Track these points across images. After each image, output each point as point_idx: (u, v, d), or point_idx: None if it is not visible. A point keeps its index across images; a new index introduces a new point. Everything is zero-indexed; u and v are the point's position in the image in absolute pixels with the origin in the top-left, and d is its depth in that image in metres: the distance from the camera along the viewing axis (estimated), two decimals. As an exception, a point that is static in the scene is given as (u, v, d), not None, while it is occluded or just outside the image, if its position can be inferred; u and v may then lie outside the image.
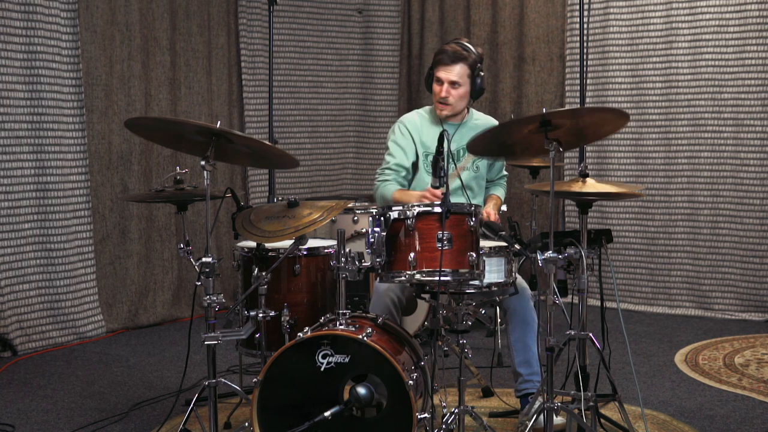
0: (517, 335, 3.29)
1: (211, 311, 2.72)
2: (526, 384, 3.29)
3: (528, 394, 3.28)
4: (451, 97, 3.50)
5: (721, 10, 5.21)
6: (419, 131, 3.60)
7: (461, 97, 3.52)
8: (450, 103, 3.51)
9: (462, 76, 3.48)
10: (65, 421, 3.49)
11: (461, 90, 3.50)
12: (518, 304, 3.24)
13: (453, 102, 3.51)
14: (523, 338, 3.28)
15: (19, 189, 4.59)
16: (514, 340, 3.30)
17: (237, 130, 5.62)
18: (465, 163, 2.91)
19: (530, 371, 3.28)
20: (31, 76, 4.58)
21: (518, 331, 3.28)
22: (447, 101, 3.51)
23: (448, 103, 3.51)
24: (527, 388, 3.29)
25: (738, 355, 4.37)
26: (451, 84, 3.48)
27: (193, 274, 4.09)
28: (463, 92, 3.51)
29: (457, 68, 3.47)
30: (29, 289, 4.65)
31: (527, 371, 3.28)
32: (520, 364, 3.30)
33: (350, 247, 2.91)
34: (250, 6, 5.68)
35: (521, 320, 3.27)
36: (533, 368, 3.27)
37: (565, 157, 5.56)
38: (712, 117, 5.30)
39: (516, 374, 3.33)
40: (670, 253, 5.50)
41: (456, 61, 3.47)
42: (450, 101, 3.51)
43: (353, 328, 2.66)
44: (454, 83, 3.48)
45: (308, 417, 2.59)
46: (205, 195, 2.74)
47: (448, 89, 3.49)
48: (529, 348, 3.26)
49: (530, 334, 3.26)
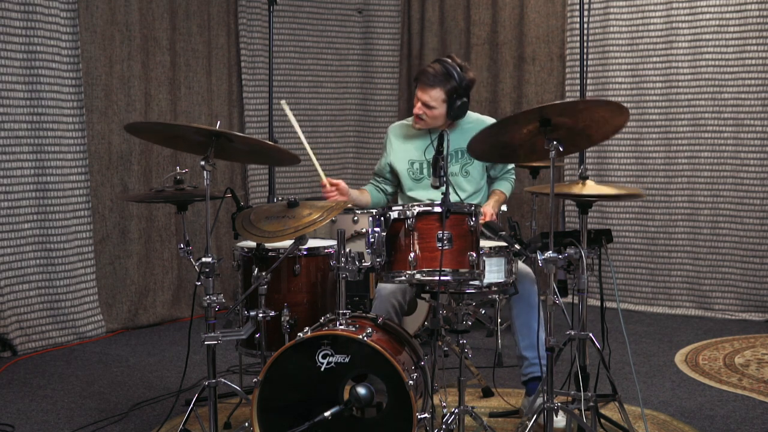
0: (522, 319, 3.28)
1: (211, 311, 2.72)
2: (532, 368, 3.29)
3: (534, 378, 3.28)
4: (425, 115, 3.53)
5: (721, 10, 5.21)
6: (404, 141, 3.66)
7: (435, 117, 3.53)
8: (424, 120, 3.55)
9: (437, 100, 3.48)
10: (65, 421, 3.49)
11: (435, 112, 3.51)
12: (523, 288, 3.23)
13: (426, 119, 3.55)
14: (528, 321, 3.26)
15: (19, 189, 4.58)
16: (519, 324, 3.29)
17: (237, 130, 5.63)
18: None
19: (535, 355, 3.26)
20: (31, 76, 4.58)
21: (523, 315, 3.27)
22: (421, 118, 3.55)
23: (421, 119, 3.55)
24: (533, 372, 3.29)
25: (738, 355, 4.37)
26: (425, 105, 3.50)
27: (193, 274, 4.09)
28: (437, 114, 3.52)
29: (433, 92, 3.47)
30: (29, 289, 4.65)
31: (533, 355, 3.27)
32: (525, 348, 3.29)
33: (350, 247, 2.91)
34: (250, 6, 5.68)
35: (526, 303, 3.26)
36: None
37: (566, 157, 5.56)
38: (712, 117, 5.30)
39: (521, 358, 3.32)
40: (670, 253, 5.50)
41: (434, 86, 3.46)
42: (424, 118, 3.54)
43: (353, 328, 2.66)
44: (428, 105, 3.50)
45: (308, 417, 2.59)
46: (205, 195, 2.74)
47: (423, 108, 3.52)
48: (534, 331, 3.24)
49: (535, 317, 3.23)
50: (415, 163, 3.62)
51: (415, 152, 3.62)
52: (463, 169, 3.59)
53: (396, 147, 3.67)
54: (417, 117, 3.56)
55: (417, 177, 3.61)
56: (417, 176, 3.61)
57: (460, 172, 3.60)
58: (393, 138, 3.71)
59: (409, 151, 3.64)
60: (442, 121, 3.55)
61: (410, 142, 3.65)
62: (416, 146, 3.62)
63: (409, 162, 3.63)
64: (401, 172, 3.65)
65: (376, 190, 3.75)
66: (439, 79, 3.46)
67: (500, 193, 3.65)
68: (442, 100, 3.48)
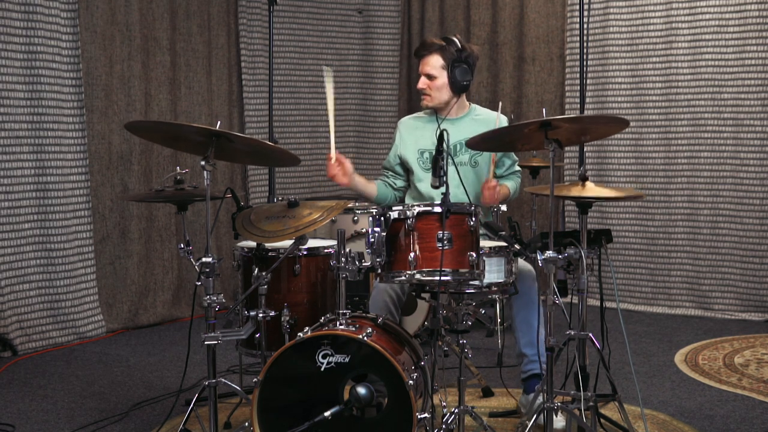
0: (522, 316, 3.28)
1: (211, 311, 2.72)
2: (532, 365, 3.28)
3: (533, 375, 3.27)
4: (428, 88, 3.54)
5: (721, 10, 5.21)
6: (414, 132, 3.65)
7: (439, 89, 3.52)
8: (428, 93, 3.55)
9: (436, 68, 3.50)
10: (65, 421, 3.49)
11: (438, 81, 3.51)
12: (523, 285, 3.23)
13: (431, 93, 3.54)
14: (528, 318, 3.26)
15: (19, 189, 4.59)
16: (519, 321, 3.29)
17: (237, 130, 5.63)
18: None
19: (535, 351, 3.25)
20: (31, 76, 4.58)
21: (523, 311, 3.27)
22: (425, 92, 3.55)
23: (426, 93, 3.55)
24: (532, 369, 3.28)
25: (738, 355, 4.37)
26: (427, 76, 3.52)
27: (193, 274, 4.09)
28: (440, 83, 3.51)
29: (431, 59, 3.50)
30: (29, 289, 4.66)
31: (532, 352, 3.26)
32: (525, 344, 3.28)
33: (350, 247, 2.91)
34: (250, 6, 5.68)
35: (527, 301, 3.25)
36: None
37: (565, 157, 5.56)
38: (712, 117, 5.30)
39: (520, 356, 3.32)
40: (670, 253, 5.50)
41: (430, 52, 3.49)
42: (428, 92, 3.55)
43: (353, 328, 2.66)
44: (429, 75, 3.51)
45: (308, 417, 2.59)
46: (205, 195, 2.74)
47: (426, 81, 3.53)
48: (534, 328, 3.23)
49: (535, 313, 3.22)
50: (425, 152, 3.61)
51: (424, 142, 3.61)
52: (472, 159, 3.58)
53: (406, 138, 3.67)
54: (423, 94, 3.56)
55: (427, 166, 3.59)
56: (427, 165, 3.59)
57: (470, 161, 3.58)
58: (403, 130, 3.70)
59: (419, 141, 3.63)
60: (447, 95, 3.54)
61: (420, 133, 3.64)
62: (426, 136, 3.60)
63: (418, 152, 3.62)
64: (411, 162, 3.63)
65: (385, 185, 3.72)
66: (436, 46, 3.50)
67: (505, 187, 3.62)
68: (441, 66, 3.49)
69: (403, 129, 3.71)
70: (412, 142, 3.64)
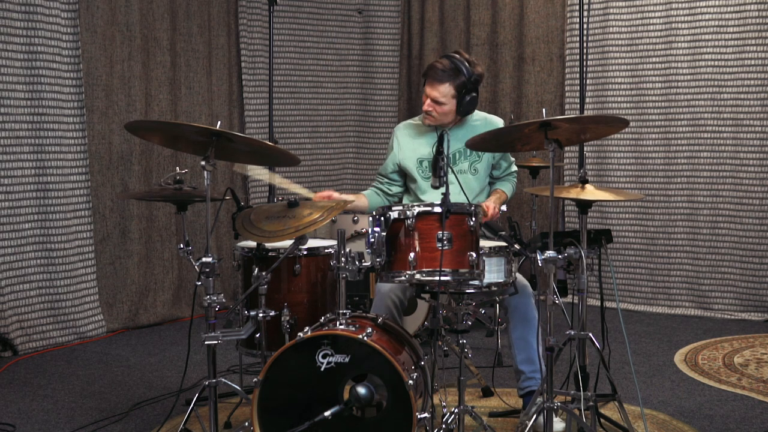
0: (518, 333, 3.28)
1: (211, 311, 2.73)
2: (529, 382, 3.29)
3: (531, 392, 3.27)
4: (434, 111, 3.52)
5: (720, 10, 5.22)
6: (412, 140, 3.64)
7: (445, 114, 3.52)
8: (433, 116, 3.54)
9: (446, 96, 3.46)
10: (65, 420, 3.49)
11: (445, 108, 3.49)
12: (519, 302, 3.23)
13: (436, 116, 3.53)
14: (524, 336, 3.27)
15: (19, 189, 4.59)
16: (516, 338, 3.29)
17: (237, 130, 5.63)
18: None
19: (532, 369, 3.27)
20: (31, 77, 4.59)
21: (519, 328, 3.28)
22: (431, 114, 3.53)
23: (431, 115, 3.54)
24: (530, 386, 3.29)
25: (737, 355, 4.38)
26: (434, 101, 3.48)
27: (193, 274, 4.10)
28: (447, 110, 3.50)
29: (442, 88, 3.45)
30: (30, 289, 4.66)
31: (529, 369, 3.27)
32: (521, 362, 3.29)
33: (350, 247, 2.91)
34: (250, 6, 5.68)
35: (522, 318, 3.26)
36: (535, 365, 3.26)
37: (565, 157, 5.57)
38: (712, 117, 5.30)
39: (518, 372, 3.32)
40: (670, 253, 5.50)
41: (443, 81, 3.44)
42: (433, 115, 3.53)
43: (353, 328, 2.67)
44: (438, 101, 3.48)
45: (308, 417, 2.60)
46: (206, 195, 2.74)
47: (432, 105, 3.50)
48: (530, 345, 3.25)
49: (531, 331, 3.24)
50: (424, 161, 3.60)
51: (423, 150, 3.60)
52: (471, 167, 3.58)
53: (404, 146, 3.65)
54: (426, 114, 3.54)
55: (427, 175, 3.58)
56: (427, 174, 3.58)
57: (469, 169, 3.58)
58: (401, 137, 3.68)
59: (417, 149, 3.62)
60: (451, 117, 3.54)
61: (418, 141, 3.63)
62: (425, 144, 3.60)
63: (418, 161, 3.61)
64: (411, 171, 3.62)
65: (377, 193, 3.71)
66: (448, 74, 3.44)
67: (501, 192, 3.62)
68: (452, 95, 3.46)
69: (400, 136, 3.68)
70: (410, 151, 3.63)
